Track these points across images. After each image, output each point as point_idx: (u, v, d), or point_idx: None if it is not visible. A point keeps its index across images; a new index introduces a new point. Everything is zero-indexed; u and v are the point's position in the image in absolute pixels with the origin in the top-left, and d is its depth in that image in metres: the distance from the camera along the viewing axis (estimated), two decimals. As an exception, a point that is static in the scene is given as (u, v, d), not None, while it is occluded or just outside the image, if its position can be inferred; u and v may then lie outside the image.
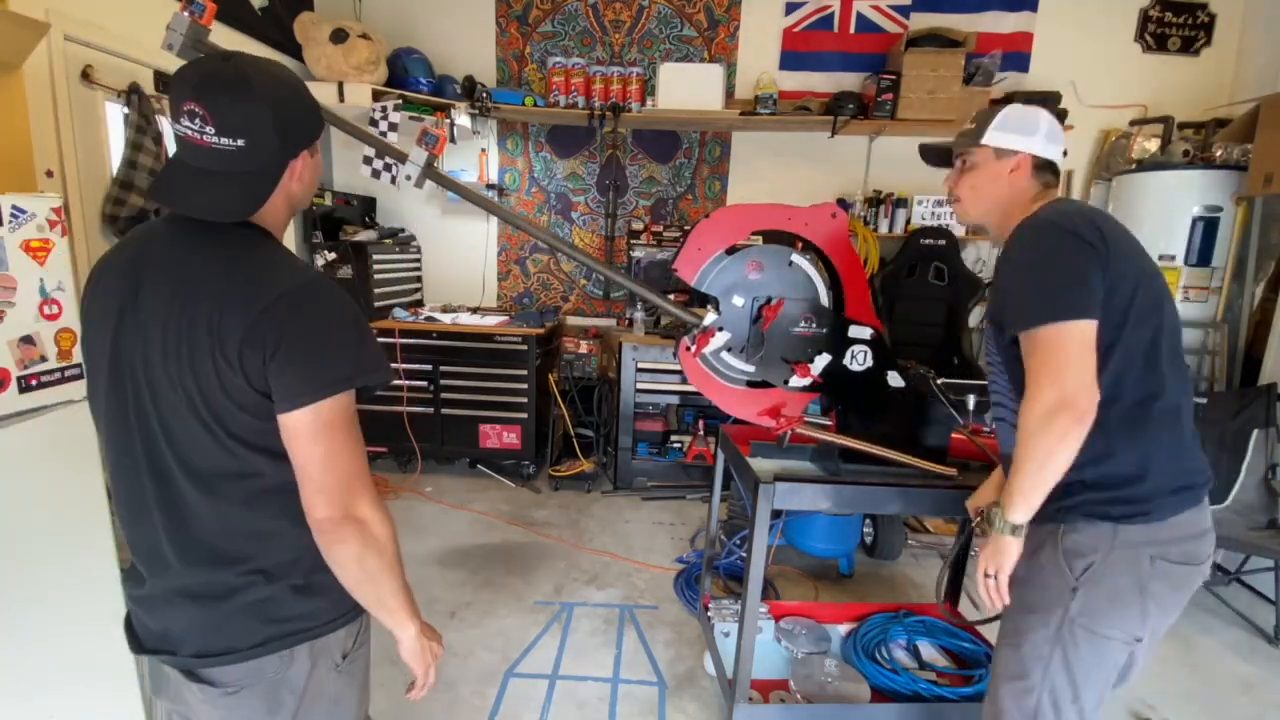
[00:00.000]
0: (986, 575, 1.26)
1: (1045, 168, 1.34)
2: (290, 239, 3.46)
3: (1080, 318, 1.11)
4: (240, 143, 0.85)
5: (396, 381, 3.68)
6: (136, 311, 0.87)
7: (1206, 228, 3.23)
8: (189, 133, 0.85)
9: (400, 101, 3.38)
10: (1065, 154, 1.39)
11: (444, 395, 3.72)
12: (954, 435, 1.78)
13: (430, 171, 1.39)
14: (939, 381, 1.75)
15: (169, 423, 0.87)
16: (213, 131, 0.84)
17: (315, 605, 0.96)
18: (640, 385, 3.64)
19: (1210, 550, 1.22)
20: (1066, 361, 1.10)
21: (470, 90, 3.67)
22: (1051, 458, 1.12)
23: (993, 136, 1.35)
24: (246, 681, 0.93)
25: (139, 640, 0.99)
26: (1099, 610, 1.18)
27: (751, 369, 1.73)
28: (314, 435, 0.86)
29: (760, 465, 1.80)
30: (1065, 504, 1.20)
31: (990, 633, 1.80)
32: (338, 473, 0.87)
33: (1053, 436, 1.11)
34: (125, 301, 0.88)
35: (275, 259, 0.90)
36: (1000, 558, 1.23)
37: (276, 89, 0.88)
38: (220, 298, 0.84)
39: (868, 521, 3.10)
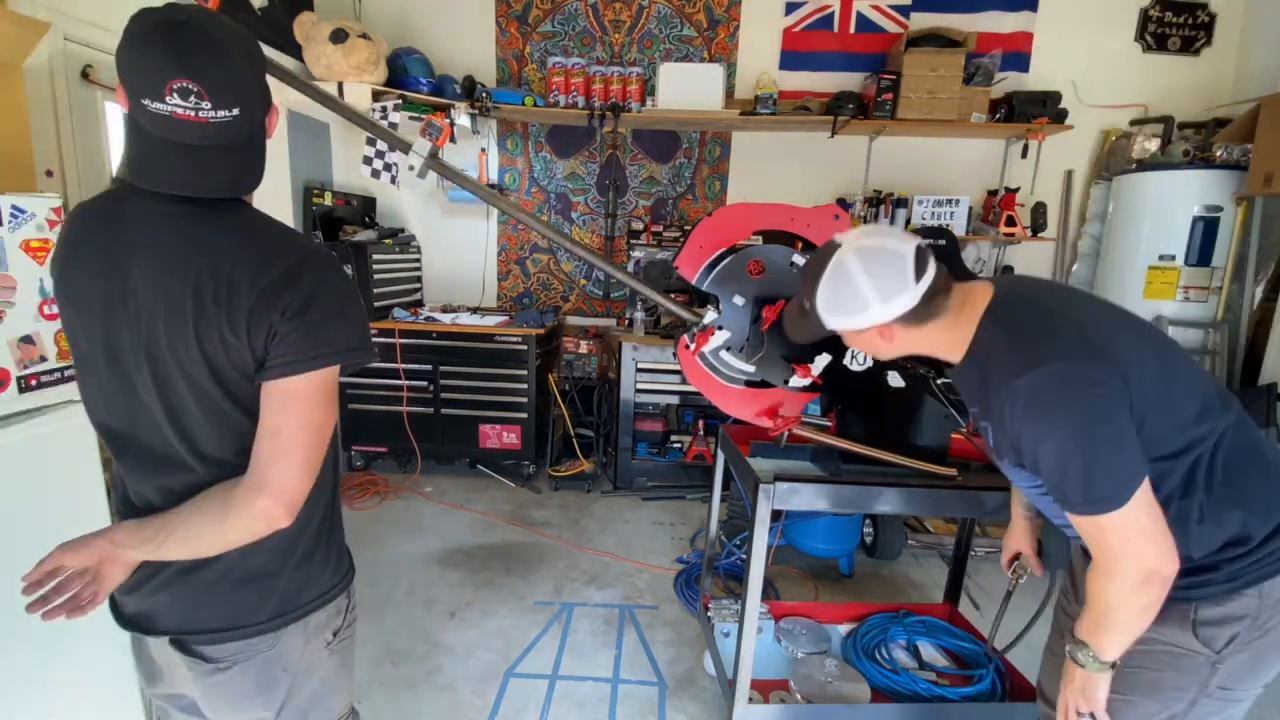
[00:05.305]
0: (1079, 715, 1.13)
1: (927, 303, 1.07)
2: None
3: (1137, 487, 0.97)
4: (235, 112, 0.82)
5: (396, 381, 3.68)
6: (127, 299, 0.84)
7: (1206, 228, 3.24)
8: (178, 110, 0.79)
9: (400, 101, 3.38)
10: (932, 288, 1.06)
11: (444, 395, 3.72)
12: (954, 435, 1.78)
13: (434, 162, 1.39)
14: (939, 382, 1.75)
15: (174, 404, 0.86)
16: (209, 106, 0.80)
17: (308, 577, 0.95)
18: (640, 385, 3.64)
19: None
20: (1142, 537, 0.99)
21: (470, 90, 3.67)
22: (1144, 617, 1.03)
23: (831, 322, 1.14)
24: (239, 657, 0.91)
25: (124, 617, 0.97)
26: (1244, 675, 1.09)
27: (751, 369, 1.73)
28: (311, 398, 0.85)
29: (760, 465, 1.79)
30: (1203, 579, 1.06)
31: (987, 628, 1.80)
32: (305, 442, 0.85)
33: (1145, 603, 1.01)
34: (113, 289, 0.85)
35: (282, 227, 0.90)
36: (1093, 693, 1.11)
37: (247, 44, 0.85)
38: (228, 269, 0.82)
39: (868, 521, 3.10)
